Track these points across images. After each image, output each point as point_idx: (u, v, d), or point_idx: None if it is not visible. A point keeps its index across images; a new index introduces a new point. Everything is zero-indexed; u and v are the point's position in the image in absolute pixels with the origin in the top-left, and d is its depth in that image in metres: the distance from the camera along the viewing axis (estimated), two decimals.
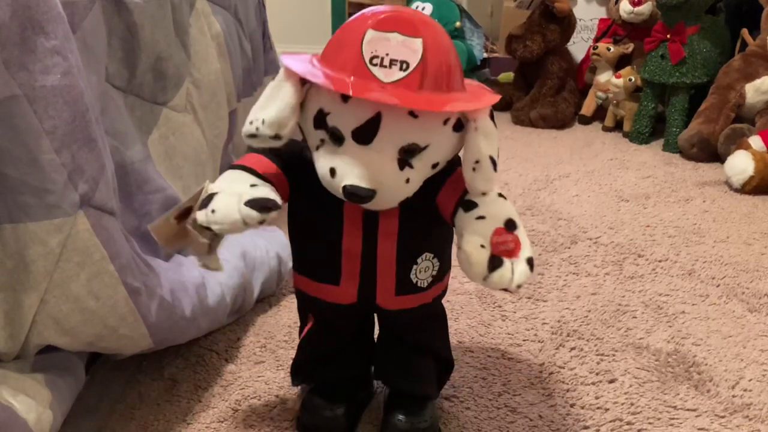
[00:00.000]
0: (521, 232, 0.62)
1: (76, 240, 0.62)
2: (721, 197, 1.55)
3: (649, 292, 1.09)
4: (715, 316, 1.01)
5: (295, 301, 1.03)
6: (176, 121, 0.93)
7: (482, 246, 0.60)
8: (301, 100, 0.61)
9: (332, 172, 0.59)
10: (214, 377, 0.85)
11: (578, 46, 2.38)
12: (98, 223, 0.64)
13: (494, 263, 0.59)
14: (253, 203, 0.59)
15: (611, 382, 0.85)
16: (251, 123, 0.60)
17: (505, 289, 0.61)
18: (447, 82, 0.58)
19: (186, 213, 0.64)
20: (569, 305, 1.04)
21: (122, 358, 0.80)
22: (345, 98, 0.58)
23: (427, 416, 0.74)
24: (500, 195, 0.63)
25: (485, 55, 2.54)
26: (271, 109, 0.60)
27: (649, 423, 0.78)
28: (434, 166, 0.62)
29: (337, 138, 0.59)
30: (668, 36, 1.89)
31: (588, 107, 2.22)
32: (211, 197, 0.61)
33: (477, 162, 0.59)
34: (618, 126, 2.13)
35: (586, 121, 2.22)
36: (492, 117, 0.61)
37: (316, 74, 0.57)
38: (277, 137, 0.60)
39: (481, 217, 0.61)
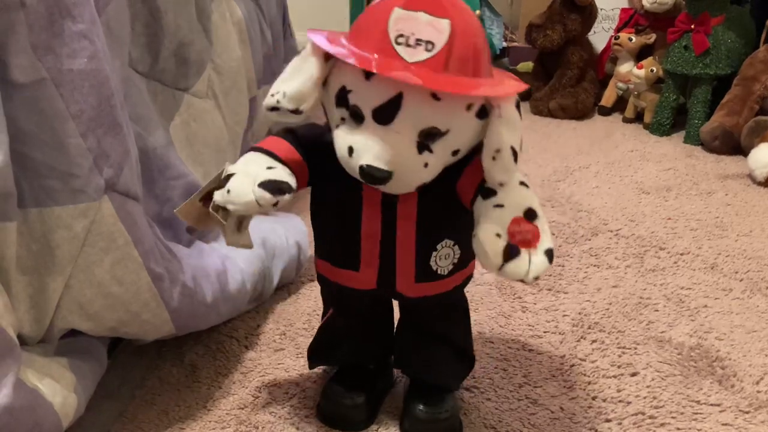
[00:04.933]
0: (542, 222, 0.60)
1: (101, 225, 0.62)
2: (744, 190, 1.53)
3: (670, 286, 1.07)
4: (739, 311, 1.00)
5: (314, 288, 1.03)
6: (198, 107, 0.92)
7: (498, 235, 0.58)
8: (325, 75, 0.60)
9: (350, 150, 0.59)
10: (234, 364, 0.85)
11: (599, 36, 2.35)
12: (122, 209, 0.64)
13: (511, 253, 0.58)
14: (266, 185, 0.60)
15: (633, 375, 0.85)
16: (272, 95, 0.60)
17: (522, 280, 0.59)
18: (473, 66, 0.57)
19: (210, 195, 0.64)
20: (590, 297, 1.03)
21: (143, 344, 0.80)
22: (368, 76, 0.57)
23: (448, 407, 0.74)
24: (522, 183, 0.62)
25: (505, 44, 2.52)
26: (294, 82, 0.60)
27: (672, 417, 0.77)
28: (455, 153, 0.61)
29: (357, 116, 0.59)
30: (692, 26, 1.86)
31: (608, 98, 2.20)
32: (228, 178, 0.61)
33: (497, 151, 0.58)
34: (638, 117, 2.10)
35: (606, 112, 2.20)
36: (518, 106, 0.60)
37: (340, 50, 0.57)
38: (297, 111, 0.60)
39: (500, 206, 0.60)
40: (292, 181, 0.62)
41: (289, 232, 1.04)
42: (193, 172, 0.88)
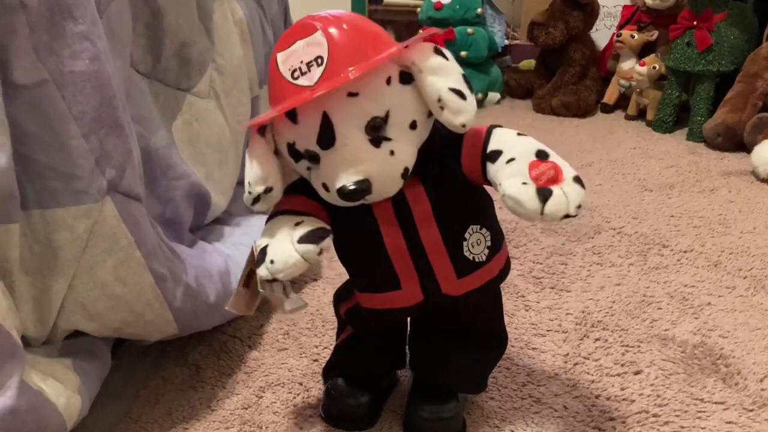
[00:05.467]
0: (556, 157, 0.61)
1: (104, 226, 0.62)
2: (748, 188, 1.52)
3: (674, 284, 1.07)
4: (743, 309, 1.00)
5: (317, 288, 1.03)
6: (199, 108, 0.92)
7: (524, 183, 0.58)
8: (273, 149, 0.63)
9: (325, 187, 0.60)
10: (237, 364, 0.85)
11: (601, 34, 2.35)
12: (125, 209, 0.64)
13: (544, 194, 0.57)
14: (305, 238, 0.60)
15: (637, 373, 0.84)
16: (247, 192, 0.63)
17: (566, 216, 0.58)
18: (372, 48, 0.58)
19: (251, 276, 0.64)
20: (593, 296, 1.03)
21: (147, 344, 0.80)
22: (294, 121, 0.59)
23: (452, 406, 0.73)
24: (519, 134, 0.63)
25: (507, 42, 2.52)
26: (252, 169, 0.62)
27: (676, 415, 0.77)
28: (413, 126, 0.60)
29: (313, 158, 0.60)
30: (695, 23, 1.86)
31: (610, 95, 2.20)
32: (264, 251, 0.61)
33: (439, 100, 0.58)
34: (641, 115, 2.10)
35: (608, 109, 2.20)
36: (440, 52, 0.59)
37: (263, 116, 0.60)
38: (269, 190, 0.62)
39: (511, 160, 0.60)
40: (326, 225, 0.62)
41: None
42: (195, 172, 0.88)
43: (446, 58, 0.60)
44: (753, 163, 1.59)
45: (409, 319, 0.77)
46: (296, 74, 0.57)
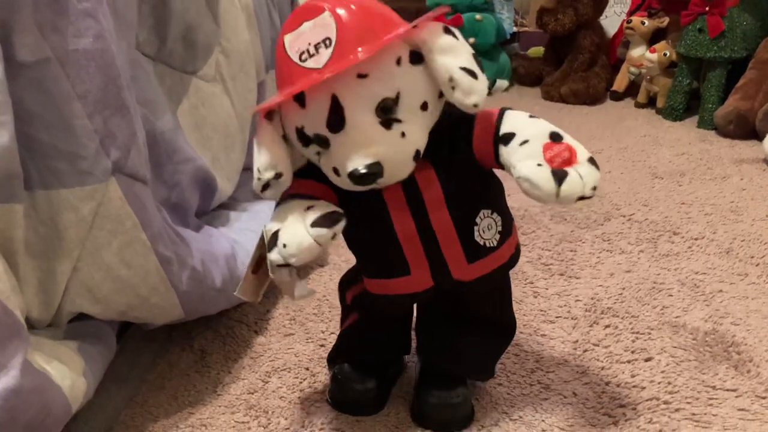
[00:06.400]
0: (569, 139, 0.60)
1: (108, 207, 0.62)
2: (760, 175, 1.50)
3: (685, 271, 1.06)
4: (755, 296, 0.98)
5: (324, 274, 1.02)
6: (206, 92, 0.92)
7: (539, 165, 0.57)
8: (281, 133, 0.61)
9: (336, 171, 0.59)
10: (243, 349, 0.85)
11: (611, 20, 2.32)
12: (130, 191, 0.63)
13: (559, 176, 0.57)
14: (319, 222, 0.59)
15: (647, 360, 0.83)
16: (256, 179, 0.61)
17: (581, 198, 0.57)
18: (381, 28, 0.57)
19: (259, 263, 0.63)
20: (603, 282, 1.02)
21: (152, 329, 0.80)
22: (302, 104, 0.58)
23: (460, 392, 0.73)
24: (531, 116, 0.62)
25: (515, 28, 2.50)
26: (261, 155, 0.61)
27: (688, 403, 0.76)
28: (424, 107, 0.59)
29: (323, 142, 0.59)
30: (706, 9, 1.83)
31: (620, 83, 2.17)
32: (276, 235, 0.60)
33: (450, 80, 0.57)
34: (651, 102, 2.07)
35: (618, 97, 2.17)
36: (450, 32, 0.58)
37: (270, 101, 0.59)
38: (279, 176, 0.61)
39: (525, 142, 0.60)
40: (339, 209, 0.61)
41: None
42: (201, 157, 0.87)
43: (456, 38, 0.58)
44: (765, 150, 1.57)
45: (415, 305, 0.76)
46: (304, 56, 0.56)
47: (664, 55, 1.98)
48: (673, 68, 1.98)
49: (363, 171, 0.57)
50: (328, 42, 0.55)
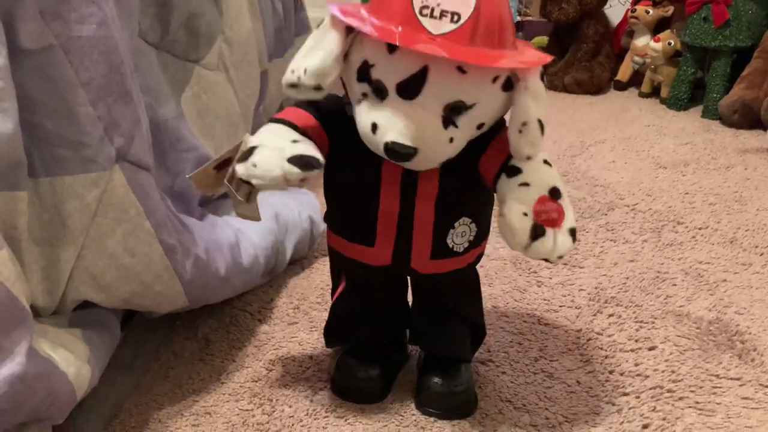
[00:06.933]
0: (565, 202, 0.60)
1: (112, 195, 0.61)
2: (764, 165, 1.50)
3: (689, 260, 1.06)
4: (759, 285, 0.98)
5: (328, 263, 1.02)
6: (209, 80, 0.91)
7: (525, 214, 0.58)
8: (346, 50, 0.58)
9: (374, 127, 0.58)
10: (247, 337, 0.85)
11: (615, 9, 2.31)
12: (134, 179, 0.63)
13: (536, 232, 0.58)
14: (296, 160, 0.58)
15: (651, 349, 0.83)
16: (293, 72, 0.58)
17: (546, 259, 0.60)
18: (499, 38, 0.56)
19: (225, 164, 0.62)
20: (607, 272, 1.02)
21: (157, 317, 0.80)
22: (391, 49, 0.55)
23: (463, 380, 0.73)
24: (546, 162, 0.62)
25: (519, 18, 2.48)
26: (315, 57, 0.57)
27: (691, 391, 0.76)
28: (479, 126, 0.60)
29: (380, 92, 0.57)
30: None
31: (624, 72, 2.16)
32: (252, 150, 0.59)
33: (524, 124, 0.58)
34: (655, 92, 2.07)
35: (622, 86, 2.16)
36: (542, 78, 0.58)
37: (362, 23, 0.55)
38: (318, 88, 0.58)
39: (525, 184, 0.60)
40: (320, 156, 0.59)
41: (302, 207, 1.03)
42: (204, 145, 0.87)
43: (544, 86, 0.59)
44: None
45: (411, 293, 0.77)
46: (425, 12, 0.54)
47: (669, 44, 1.96)
48: (678, 57, 1.97)
49: (399, 150, 0.56)
50: (456, 18, 0.53)
